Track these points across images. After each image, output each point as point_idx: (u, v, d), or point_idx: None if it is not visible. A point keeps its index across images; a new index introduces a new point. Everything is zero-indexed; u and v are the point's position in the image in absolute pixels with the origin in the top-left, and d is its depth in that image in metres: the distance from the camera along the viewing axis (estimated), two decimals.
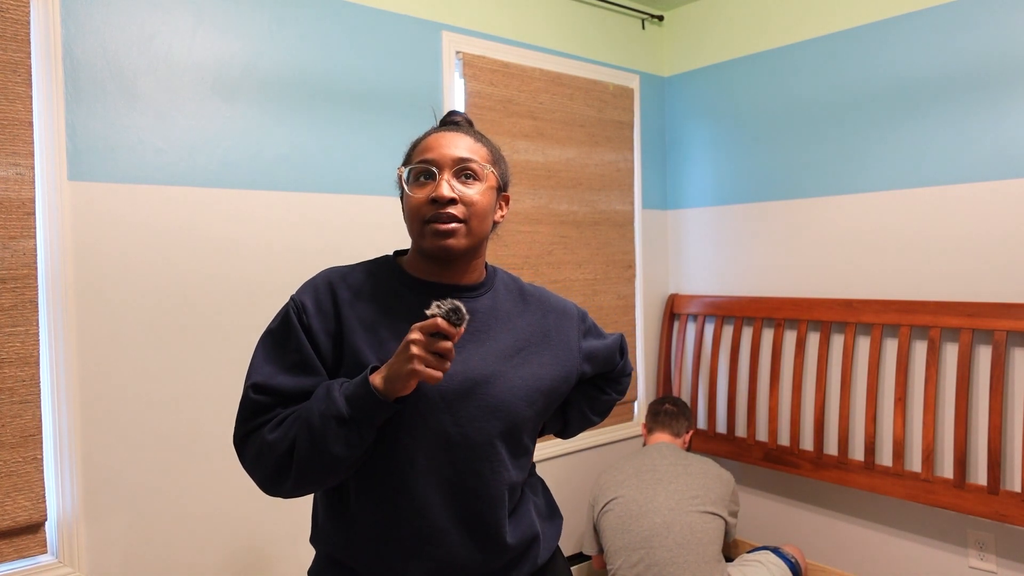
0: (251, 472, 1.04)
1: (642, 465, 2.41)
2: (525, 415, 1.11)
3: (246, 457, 1.04)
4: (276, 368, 1.05)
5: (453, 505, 1.07)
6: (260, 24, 2.08)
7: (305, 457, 0.97)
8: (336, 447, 0.97)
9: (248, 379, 1.05)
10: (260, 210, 2.08)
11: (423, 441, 1.05)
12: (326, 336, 1.07)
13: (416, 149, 1.12)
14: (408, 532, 1.05)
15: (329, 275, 1.12)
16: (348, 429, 0.97)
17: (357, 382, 0.99)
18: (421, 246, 1.09)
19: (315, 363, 1.06)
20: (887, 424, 2.55)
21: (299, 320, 1.07)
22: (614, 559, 2.28)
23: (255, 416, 1.04)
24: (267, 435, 1.01)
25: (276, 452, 0.99)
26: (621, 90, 3.08)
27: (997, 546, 2.35)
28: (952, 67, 2.39)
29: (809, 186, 2.78)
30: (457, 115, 1.20)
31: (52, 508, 1.76)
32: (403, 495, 1.05)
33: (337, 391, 0.99)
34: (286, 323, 1.08)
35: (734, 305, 2.99)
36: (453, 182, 1.08)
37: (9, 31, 1.66)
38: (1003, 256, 2.29)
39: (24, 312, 1.67)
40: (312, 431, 0.97)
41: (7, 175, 1.65)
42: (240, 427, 1.05)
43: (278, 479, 1.01)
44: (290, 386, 1.04)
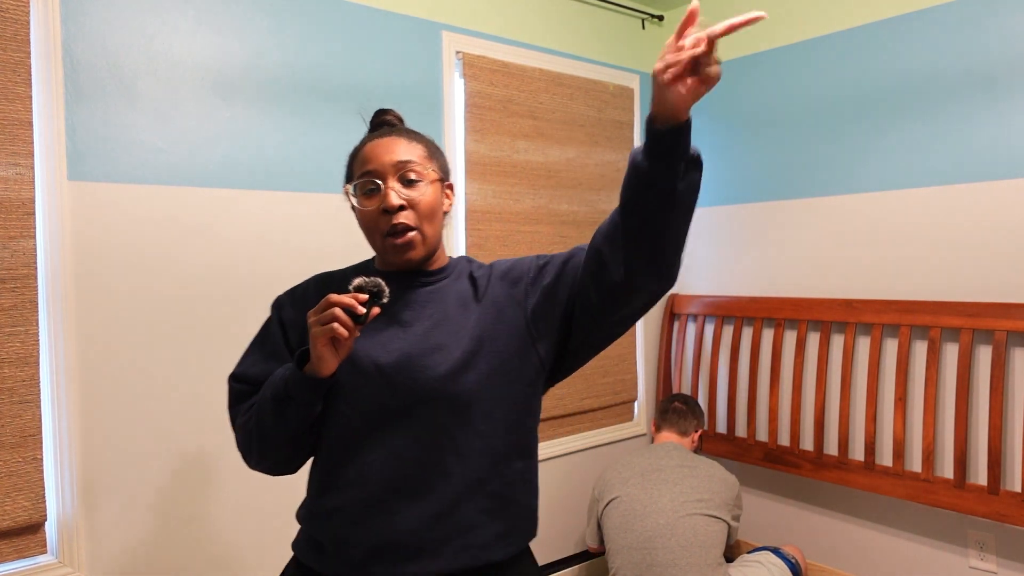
0: (239, 447, 1.17)
1: (648, 464, 2.40)
2: (467, 389, 1.08)
3: (236, 438, 1.18)
4: (253, 359, 1.19)
5: (394, 476, 1.07)
6: (260, 24, 2.08)
7: (258, 435, 1.11)
8: (277, 422, 1.08)
9: (235, 374, 1.20)
10: (260, 210, 2.08)
11: (365, 413, 1.09)
12: (296, 328, 1.18)
13: (356, 162, 1.16)
14: (352, 501, 1.09)
15: (314, 277, 1.26)
16: (286, 405, 1.06)
17: (290, 364, 1.08)
18: (384, 259, 1.17)
19: (285, 352, 1.17)
20: (887, 424, 2.55)
21: (276, 316, 1.21)
22: (615, 558, 2.28)
23: (236, 403, 1.18)
24: (240, 419, 1.16)
25: (244, 433, 1.14)
26: (621, 90, 3.08)
27: (997, 546, 2.35)
28: (953, 67, 2.39)
29: (809, 186, 2.78)
30: (385, 114, 1.25)
31: (52, 508, 1.76)
32: (347, 466, 1.10)
33: (278, 375, 1.09)
34: (267, 321, 1.22)
35: (734, 305, 2.99)
36: (398, 187, 1.11)
37: (9, 31, 1.66)
38: (1003, 256, 2.29)
39: (24, 312, 1.67)
40: (260, 412, 1.10)
41: (7, 175, 1.65)
42: (229, 411, 1.20)
43: (248, 456, 1.15)
44: (264, 374, 1.16)
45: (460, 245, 2.55)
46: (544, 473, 2.82)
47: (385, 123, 1.22)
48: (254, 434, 1.11)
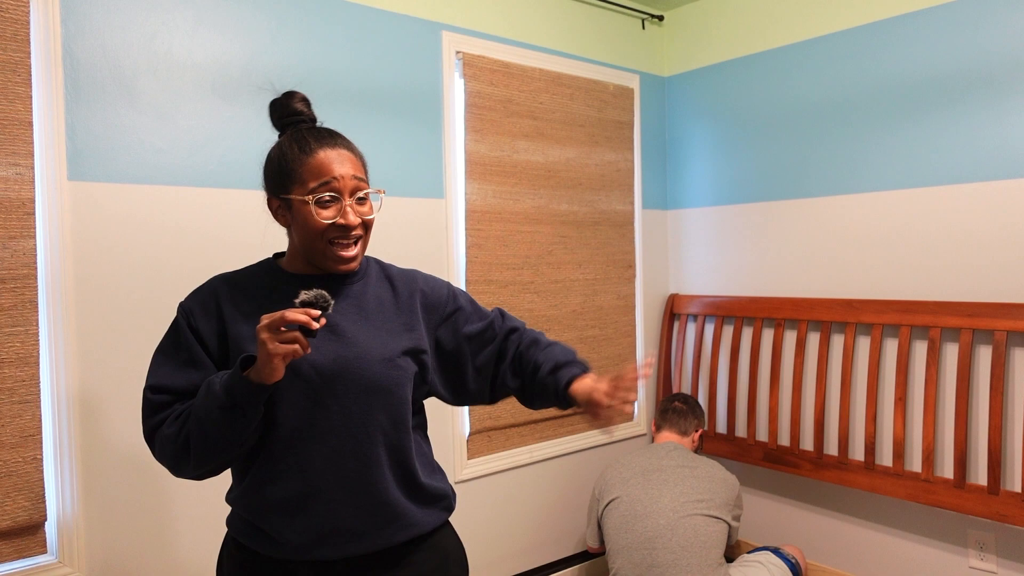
0: (160, 460, 1.17)
1: (648, 464, 2.40)
2: (395, 385, 1.22)
3: (154, 450, 1.18)
4: (170, 369, 1.18)
5: (334, 467, 1.18)
6: (260, 24, 2.08)
7: (199, 445, 1.11)
8: (223, 431, 1.10)
9: (146, 382, 1.19)
10: (260, 210, 2.08)
11: (305, 412, 1.17)
12: (211, 334, 1.20)
13: (306, 169, 1.19)
14: (293, 492, 1.17)
15: (213, 281, 1.25)
16: (232, 414, 1.09)
17: (232, 373, 1.10)
18: (322, 264, 1.22)
19: (204, 359, 1.18)
20: (887, 424, 2.55)
21: (187, 323, 1.20)
22: (616, 559, 2.28)
23: (155, 414, 1.17)
24: (165, 429, 1.15)
25: (174, 444, 1.13)
26: (621, 90, 3.08)
27: (997, 546, 2.35)
28: (952, 67, 2.39)
29: (809, 186, 2.78)
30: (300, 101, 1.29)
31: (52, 508, 1.76)
32: (288, 461, 1.17)
33: (217, 384, 1.10)
34: (176, 328, 1.21)
35: (734, 305, 2.99)
36: (354, 204, 1.20)
37: (9, 31, 1.66)
38: (1003, 256, 2.29)
39: (24, 312, 1.67)
40: (201, 422, 1.10)
41: (7, 175, 1.65)
42: (144, 425, 1.18)
43: (179, 466, 1.15)
44: (182, 383, 1.17)
45: (460, 245, 2.55)
46: (544, 473, 2.82)
47: (328, 133, 1.26)
48: (192, 444, 1.11)
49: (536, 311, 2.75)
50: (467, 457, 2.57)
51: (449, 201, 2.51)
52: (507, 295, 2.65)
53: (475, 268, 2.56)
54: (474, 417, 2.57)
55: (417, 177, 2.42)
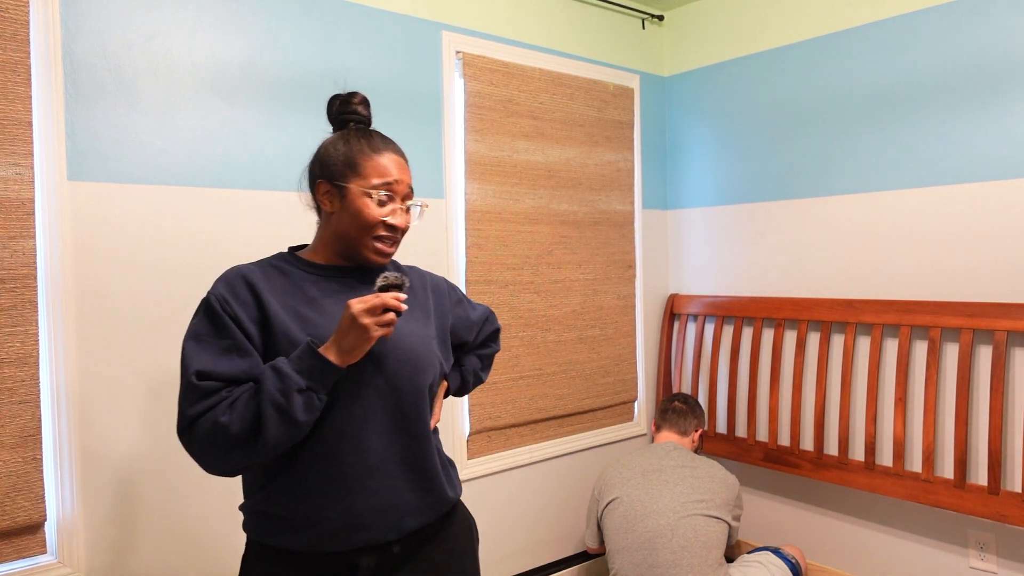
0: (201, 452, 1.14)
1: (648, 464, 2.40)
2: (433, 364, 1.33)
3: (195, 440, 1.14)
4: (211, 355, 1.16)
5: (390, 446, 1.24)
6: (260, 24, 2.08)
7: (277, 432, 1.11)
8: (301, 415, 1.12)
9: (188, 369, 1.15)
10: (260, 210, 2.08)
11: (361, 394, 1.22)
12: (251, 322, 1.19)
13: (372, 166, 1.27)
14: (352, 472, 1.21)
15: (239, 270, 1.24)
16: (310, 397, 1.13)
17: (305, 356, 1.14)
18: (360, 255, 1.28)
19: (247, 346, 1.18)
20: (887, 424, 2.55)
21: (224, 311, 1.18)
22: (616, 559, 2.28)
23: (201, 400, 1.13)
24: (220, 418, 1.11)
25: (232, 432, 1.11)
26: (621, 90, 3.08)
27: (998, 546, 2.34)
28: (952, 67, 2.39)
29: (809, 186, 2.78)
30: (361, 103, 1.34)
31: (52, 508, 1.76)
32: (346, 441, 1.20)
33: (287, 368, 1.13)
34: (212, 315, 1.19)
35: (734, 305, 2.99)
36: (403, 211, 1.30)
37: (9, 31, 1.66)
38: (1003, 256, 2.29)
39: (24, 312, 1.67)
40: (278, 406, 1.10)
41: (7, 175, 1.65)
42: (186, 412, 1.14)
43: (228, 456, 1.13)
44: (229, 369, 1.16)
45: (460, 245, 2.55)
46: (544, 473, 2.82)
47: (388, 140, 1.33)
48: (269, 432, 1.10)
49: (536, 311, 2.75)
50: (467, 457, 2.57)
51: (449, 201, 2.51)
52: (507, 295, 2.65)
53: (475, 268, 2.56)
54: (474, 417, 2.57)
55: (417, 177, 2.42)
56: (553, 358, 2.81)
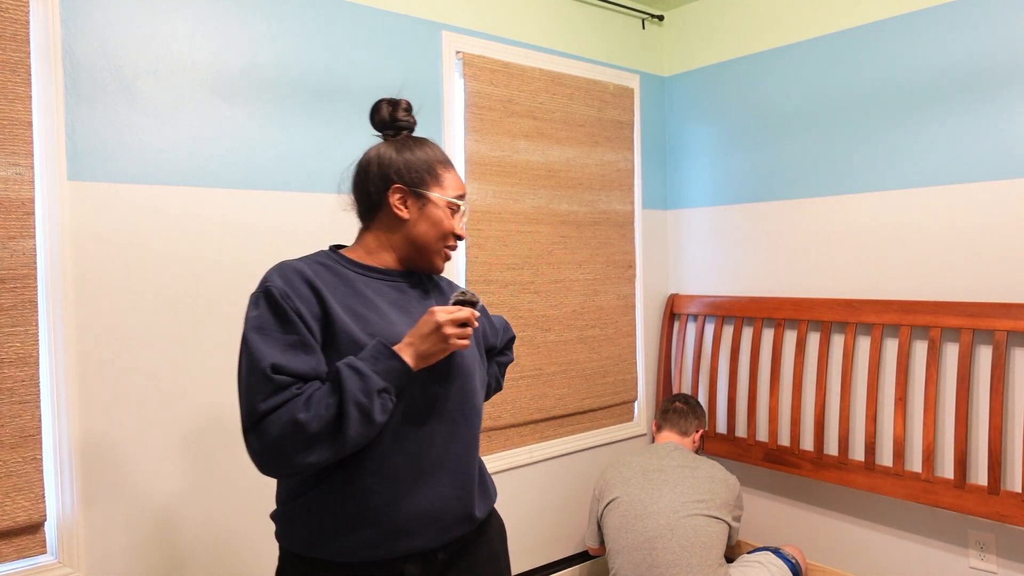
0: (272, 449, 1.10)
1: (649, 464, 2.40)
2: (481, 374, 1.38)
3: (267, 436, 1.10)
4: (279, 350, 1.13)
5: (441, 453, 1.25)
6: (260, 24, 2.08)
7: (359, 431, 1.11)
8: (379, 416, 1.14)
9: (260, 361, 1.11)
10: (260, 210, 2.08)
11: (418, 399, 1.23)
12: (313, 319, 1.17)
13: (449, 179, 1.32)
14: (404, 476, 1.21)
15: (293, 266, 1.21)
16: (383, 399, 1.14)
17: (382, 357, 1.15)
18: (426, 262, 1.32)
19: (312, 343, 1.16)
20: (887, 424, 2.55)
21: (288, 304, 1.16)
22: (616, 559, 2.28)
23: (274, 395, 1.10)
24: (298, 415, 1.09)
25: (311, 430, 1.09)
26: (621, 90, 3.08)
27: (998, 546, 2.34)
28: (952, 67, 2.39)
29: (809, 186, 2.78)
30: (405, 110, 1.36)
31: (52, 508, 1.76)
32: (400, 445, 1.21)
33: (366, 368, 1.13)
34: (277, 310, 1.16)
35: (734, 305, 2.99)
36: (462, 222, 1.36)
37: (9, 31, 1.66)
38: (1003, 256, 2.29)
39: (24, 312, 1.67)
40: (360, 406, 1.11)
41: (7, 175, 1.65)
42: (258, 407, 1.10)
43: (308, 455, 1.10)
44: (300, 366, 1.14)
45: (460, 245, 2.55)
46: (544, 473, 2.82)
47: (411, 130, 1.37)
48: (350, 431, 1.10)
49: (536, 311, 2.75)
50: None
51: None
52: (507, 295, 2.65)
53: (475, 268, 2.56)
54: None
55: None
56: (553, 358, 2.81)
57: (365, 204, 1.32)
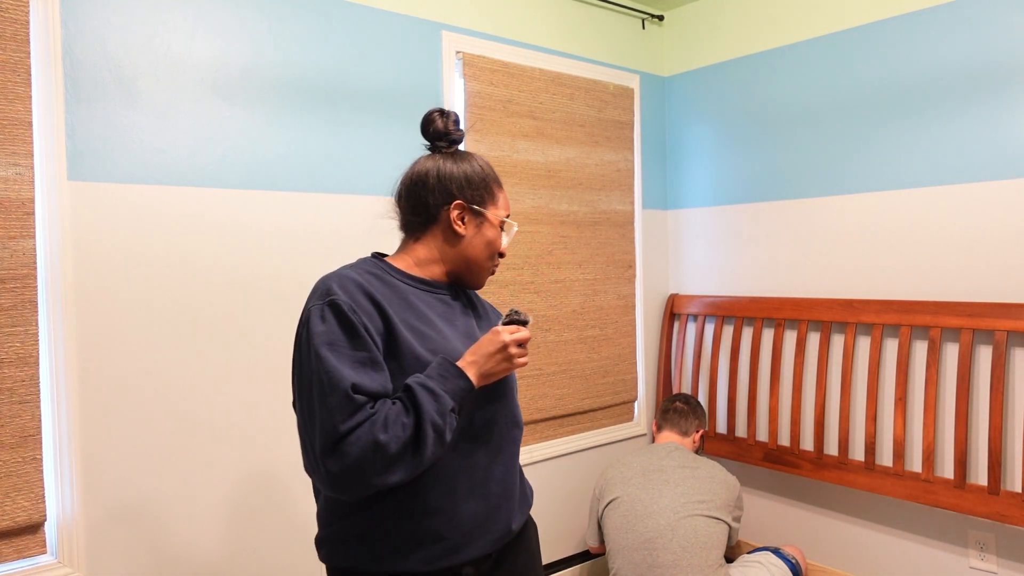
0: (352, 471, 1.07)
1: (649, 464, 2.40)
2: (517, 384, 1.41)
3: (348, 456, 1.07)
4: (353, 367, 1.11)
5: (491, 465, 1.27)
6: (260, 24, 2.08)
7: (436, 451, 1.13)
8: (450, 435, 1.15)
9: (341, 381, 1.08)
10: (260, 210, 2.08)
11: (474, 416, 1.25)
12: (377, 334, 1.16)
13: (502, 198, 1.34)
14: (461, 489, 1.22)
15: (352, 278, 1.18)
16: (452, 419, 1.15)
17: (450, 376, 1.15)
18: (474, 278, 1.33)
19: (380, 359, 1.15)
20: (887, 424, 2.55)
21: (357, 319, 1.13)
22: (616, 559, 2.28)
23: (353, 415, 1.08)
24: (379, 436, 1.07)
25: (391, 451, 1.08)
26: (621, 90, 3.08)
27: (998, 546, 2.34)
28: (952, 67, 2.39)
29: (809, 186, 2.78)
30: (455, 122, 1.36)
31: (52, 508, 1.76)
32: (458, 460, 1.22)
33: (437, 388, 1.13)
34: (346, 324, 1.13)
35: (734, 305, 2.99)
36: None
37: (9, 31, 1.66)
38: (1003, 256, 2.29)
39: (24, 312, 1.67)
40: (436, 427, 1.11)
41: (7, 175, 1.65)
42: (338, 428, 1.07)
43: (389, 476, 1.09)
44: (374, 385, 1.12)
45: None
46: (544, 473, 2.82)
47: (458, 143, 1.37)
48: (428, 451, 1.11)
49: (536, 311, 2.75)
50: None
51: None
52: (507, 295, 2.65)
53: None
54: None
55: None
56: (553, 358, 2.81)
57: (420, 215, 1.30)
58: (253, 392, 2.07)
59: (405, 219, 1.33)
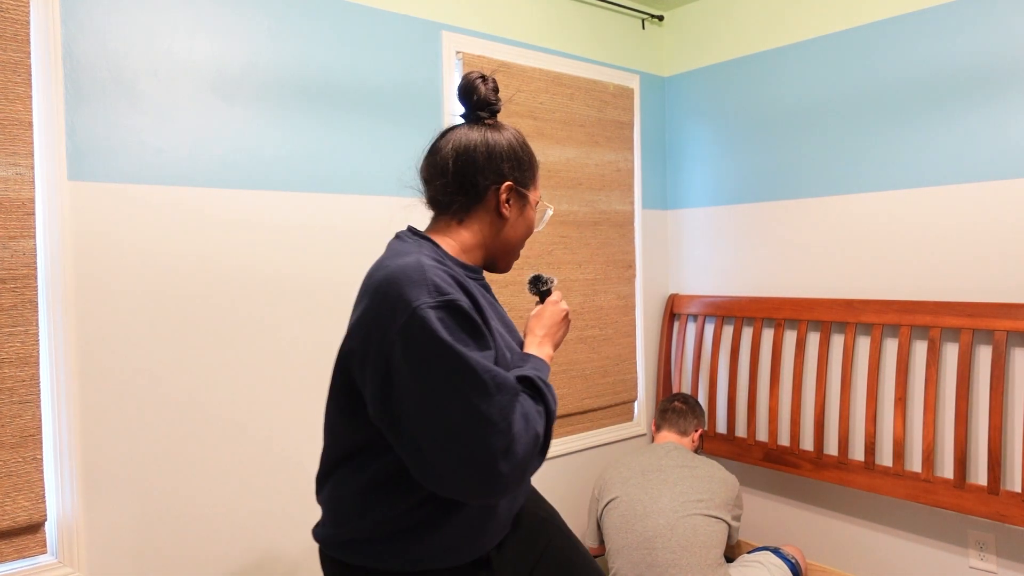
0: (519, 468, 1.03)
1: (648, 464, 2.40)
2: None
3: (517, 456, 1.03)
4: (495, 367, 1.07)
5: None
6: (260, 24, 2.08)
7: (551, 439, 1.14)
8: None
9: (506, 380, 1.04)
10: (260, 210, 2.08)
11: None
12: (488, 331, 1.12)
13: (538, 178, 1.27)
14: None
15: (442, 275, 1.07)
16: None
17: (543, 368, 1.17)
18: (507, 262, 1.27)
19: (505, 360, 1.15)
20: (887, 424, 2.55)
21: (478, 318, 1.07)
22: (615, 559, 2.28)
23: (515, 412, 1.04)
24: (537, 429, 1.07)
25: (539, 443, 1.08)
26: (621, 90, 3.08)
27: (997, 546, 2.35)
28: (952, 67, 2.39)
29: (809, 186, 2.78)
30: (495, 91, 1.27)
31: (52, 508, 1.76)
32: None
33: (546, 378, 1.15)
34: (471, 325, 1.06)
35: (734, 305, 2.99)
36: None
37: (9, 31, 1.66)
38: (1003, 256, 2.29)
39: (24, 312, 1.67)
40: (553, 417, 1.12)
41: (7, 175, 1.65)
42: (512, 427, 1.03)
43: (535, 468, 1.08)
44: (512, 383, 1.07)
45: None
46: (544, 473, 2.82)
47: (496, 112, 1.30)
48: (548, 440, 1.11)
49: None
50: None
51: None
52: (507, 295, 2.65)
53: None
54: None
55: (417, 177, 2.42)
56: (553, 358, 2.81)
57: (467, 195, 1.17)
58: (253, 391, 2.07)
59: (447, 197, 1.19)
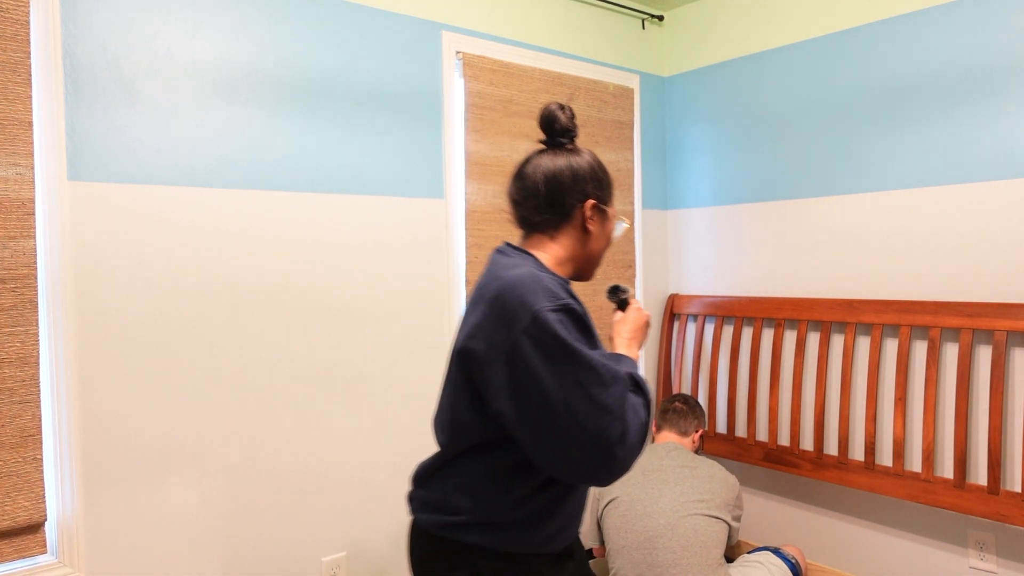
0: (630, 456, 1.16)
1: (648, 464, 2.40)
2: None
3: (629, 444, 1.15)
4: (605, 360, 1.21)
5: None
6: (260, 24, 2.08)
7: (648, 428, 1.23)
8: None
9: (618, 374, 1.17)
10: (260, 210, 2.08)
11: None
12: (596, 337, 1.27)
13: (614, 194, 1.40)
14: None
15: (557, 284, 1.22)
16: None
17: (630, 362, 1.28)
18: (589, 272, 1.39)
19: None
20: (887, 424, 2.55)
21: (590, 324, 1.22)
22: (616, 558, 2.28)
23: (627, 402, 1.17)
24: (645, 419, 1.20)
25: (645, 432, 1.20)
26: (621, 90, 3.08)
27: (997, 546, 2.35)
28: (952, 67, 2.39)
29: (809, 186, 2.78)
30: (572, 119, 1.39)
31: (52, 508, 1.76)
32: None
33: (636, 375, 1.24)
34: (586, 329, 1.21)
35: (734, 305, 2.99)
36: None
37: (9, 31, 1.66)
38: (1003, 256, 2.29)
39: (24, 312, 1.67)
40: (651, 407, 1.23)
41: (7, 175, 1.65)
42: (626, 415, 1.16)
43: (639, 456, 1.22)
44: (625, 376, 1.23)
45: (460, 245, 2.55)
46: None
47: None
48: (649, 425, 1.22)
49: None
50: None
51: (449, 201, 2.51)
52: None
53: (475, 268, 2.56)
54: None
55: (417, 177, 2.43)
56: None
57: (557, 214, 1.32)
58: (253, 392, 2.07)
59: (539, 216, 1.33)
